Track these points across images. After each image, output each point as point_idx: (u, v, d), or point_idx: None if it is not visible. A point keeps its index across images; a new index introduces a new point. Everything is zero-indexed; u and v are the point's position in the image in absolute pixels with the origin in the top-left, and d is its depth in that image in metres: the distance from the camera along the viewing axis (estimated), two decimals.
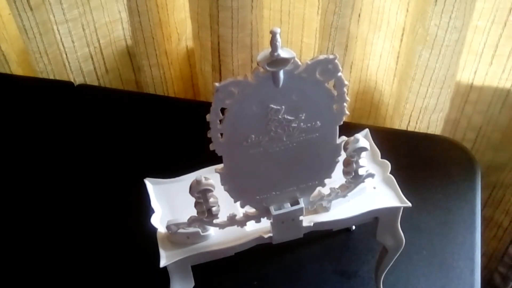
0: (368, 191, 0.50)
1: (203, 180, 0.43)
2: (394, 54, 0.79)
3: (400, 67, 0.78)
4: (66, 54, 0.87)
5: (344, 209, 0.49)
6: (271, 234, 0.47)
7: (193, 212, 0.45)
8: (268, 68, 0.37)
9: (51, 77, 0.90)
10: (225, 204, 0.46)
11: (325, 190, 0.47)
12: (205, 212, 0.45)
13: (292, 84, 0.39)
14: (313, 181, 0.46)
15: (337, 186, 0.47)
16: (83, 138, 0.77)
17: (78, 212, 0.68)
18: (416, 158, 0.72)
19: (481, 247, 0.63)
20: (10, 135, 0.78)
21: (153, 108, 0.82)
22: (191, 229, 0.46)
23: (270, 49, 0.36)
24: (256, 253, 0.49)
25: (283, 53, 0.37)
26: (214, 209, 0.44)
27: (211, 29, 0.76)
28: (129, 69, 0.95)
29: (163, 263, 0.46)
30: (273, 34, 0.36)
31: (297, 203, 0.47)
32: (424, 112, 0.76)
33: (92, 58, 0.90)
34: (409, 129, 0.79)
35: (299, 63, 0.38)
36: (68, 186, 0.71)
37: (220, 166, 0.43)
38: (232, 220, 0.46)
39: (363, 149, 0.44)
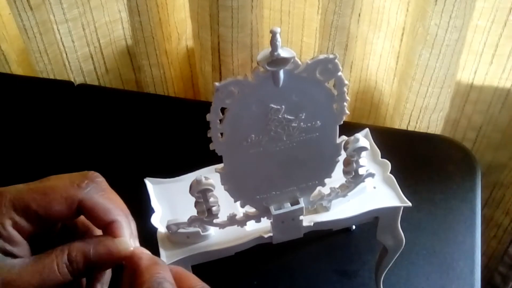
0: (368, 191, 0.50)
1: (203, 180, 0.43)
2: (394, 54, 0.79)
3: (400, 66, 0.78)
4: (66, 54, 0.87)
5: (344, 209, 0.49)
6: (271, 234, 0.47)
7: (193, 212, 0.45)
8: (268, 68, 0.37)
9: (51, 76, 0.90)
10: (225, 204, 0.45)
11: (325, 190, 0.47)
12: (205, 211, 0.45)
13: (292, 83, 0.39)
14: (313, 180, 0.46)
15: (337, 186, 0.47)
16: (83, 138, 0.77)
17: None
18: (416, 158, 0.72)
19: (481, 247, 0.63)
20: (10, 135, 0.78)
21: (153, 107, 0.82)
22: (191, 229, 0.46)
23: (270, 49, 0.36)
24: (256, 253, 0.49)
25: (283, 52, 0.37)
26: (214, 208, 0.44)
27: (211, 29, 0.76)
28: (129, 69, 0.95)
29: None
30: (273, 34, 0.36)
31: (297, 202, 0.47)
32: (424, 112, 0.76)
33: (92, 58, 0.90)
34: (409, 128, 0.79)
35: (299, 62, 0.38)
36: None
37: (220, 166, 0.43)
38: (232, 220, 0.46)
39: (363, 148, 0.44)
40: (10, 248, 0.36)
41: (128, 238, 0.37)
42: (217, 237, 0.48)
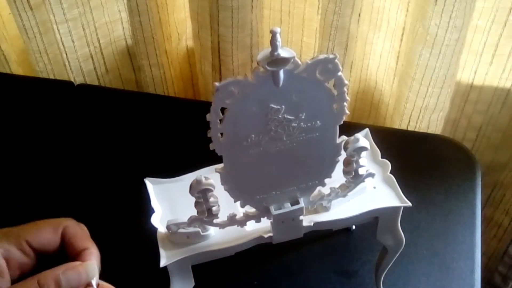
0: (368, 191, 0.50)
1: (203, 180, 0.43)
2: (394, 54, 0.79)
3: (400, 66, 0.78)
4: (66, 54, 0.87)
5: (344, 209, 0.49)
6: (271, 234, 0.47)
7: (193, 212, 0.45)
8: (268, 68, 0.37)
9: (51, 76, 0.90)
10: (225, 204, 0.46)
11: (325, 190, 0.47)
12: (205, 211, 0.45)
13: (292, 83, 0.39)
14: (313, 180, 0.46)
15: (337, 186, 0.47)
16: (83, 138, 0.77)
17: (78, 212, 0.68)
18: (416, 158, 0.72)
19: (481, 247, 0.63)
20: (10, 135, 0.78)
21: (153, 107, 0.82)
22: (191, 229, 0.46)
23: (270, 49, 0.36)
24: (256, 253, 0.49)
25: (283, 52, 0.37)
26: (214, 208, 0.44)
27: (211, 29, 0.76)
28: (129, 69, 0.95)
29: (163, 263, 0.46)
30: (273, 34, 0.36)
31: (297, 202, 0.47)
32: (424, 112, 0.77)
33: (92, 58, 0.90)
34: (409, 128, 0.79)
35: (299, 62, 0.38)
36: (68, 186, 0.71)
37: (220, 165, 0.43)
38: (232, 220, 0.46)
39: (363, 148, 0.44)
40: None
41: (95, 264, 0.43)
42: (217, 237, 0.48)
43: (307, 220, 0.48)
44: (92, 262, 0.43)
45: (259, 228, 0.48)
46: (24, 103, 0.83)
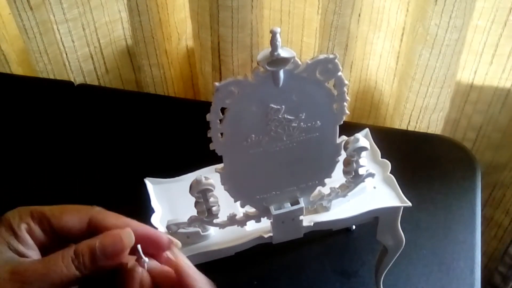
0: (368, 191, 0.50)
1: (203, 180, 0.43)
2: (394, 54, 0.79)
3: (400, 66, 0.78)
4: (66, 54, 0.87)
5: (344, 209, 0.49)
6: (271, 234, 0.47)
7: (193, 212, 0.45)
8: (268, 68, 0.37)
9: (51, 76, 0.90)
10: (225, 204, 0.45)
11: (325, 190, 0.47)
12: (205, 211, 0.45)
13: (292, 83, 0.39)
14: (313, 180, 0.46)
15: (337, 186, 0.47)
16: (83, 138, 0.77)
17: None
18: (416, 158, 0.72)
19: (481, 247, 0.63)
20: (10, 135, 0.78)
21: (153, 108, 0.82)
22: (191, 229, 0.46)
23: (270, 49, 0.36)
24: (256, 253, 0.49)
25: (283, 52, 0.37)
26: (214, 208, 0.44)
27: (211, 29, 0.76)
28: (129, 69, 0.95)
29: None
30: (273, 34, 0.36)
31: (297, 202, 0.47)
32: (424, 112, 0.77)
33: (92, 58, 0.90)
34: (409, 128, 0.79)
35: (299, 62, 0.38)
36: (68, 186, 0.71)
37: (220, 165, 0.43)
38: (232, 220, 0.46)
39: (363, 148, 0.44)
40: (23, 249, 0.37)
41: (132, 233, 0.39)
42: (217, 237, 0.48)
43: (307, 220, 0.48)
44: (128, 230, 0.39)
45: (259, 228, 0.48)
46: (24, 103, 0.83)
